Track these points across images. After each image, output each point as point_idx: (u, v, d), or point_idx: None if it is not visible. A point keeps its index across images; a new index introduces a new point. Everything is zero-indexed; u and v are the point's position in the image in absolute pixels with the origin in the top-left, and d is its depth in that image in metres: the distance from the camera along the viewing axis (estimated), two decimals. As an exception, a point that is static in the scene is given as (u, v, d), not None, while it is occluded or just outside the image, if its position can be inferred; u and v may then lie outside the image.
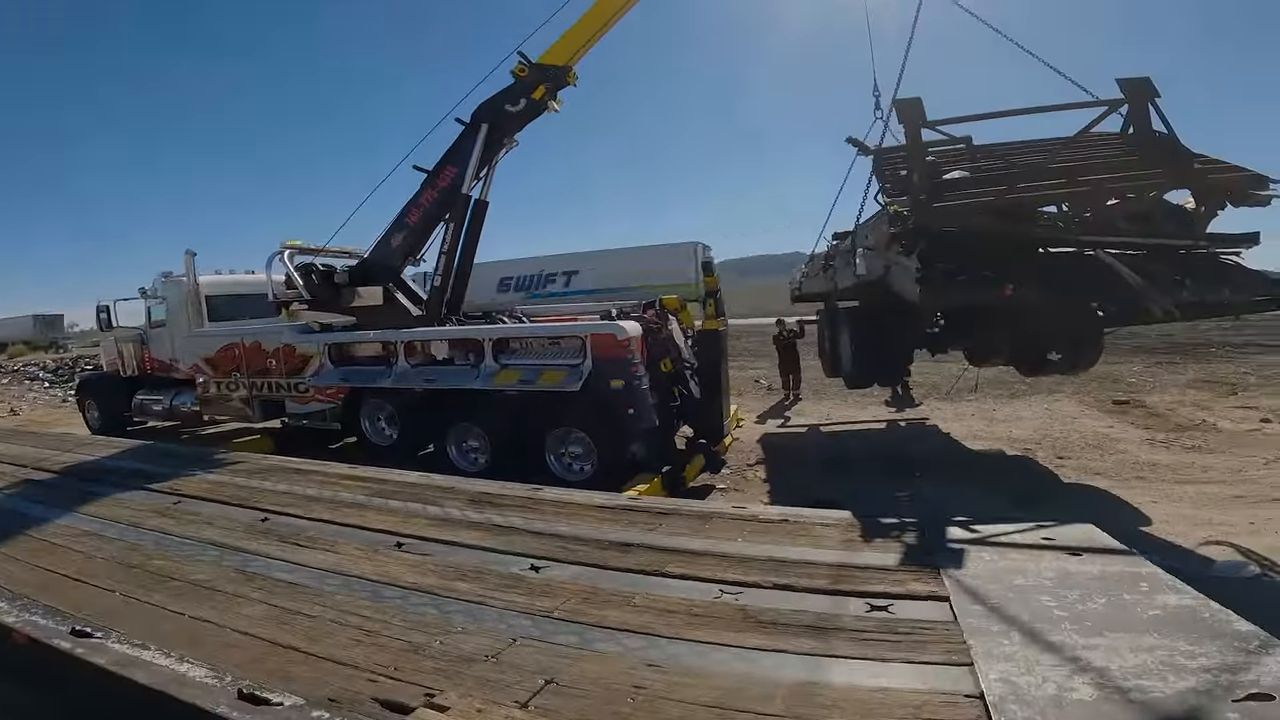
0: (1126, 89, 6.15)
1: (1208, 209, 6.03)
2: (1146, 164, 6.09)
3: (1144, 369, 13.54)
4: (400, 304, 9.84)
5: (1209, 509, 6.43)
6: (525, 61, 9.18)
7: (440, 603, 2.75)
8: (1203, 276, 5.70)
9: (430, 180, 9.80)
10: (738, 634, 2.53)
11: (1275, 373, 12.27)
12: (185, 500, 4.56)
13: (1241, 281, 5.80)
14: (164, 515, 4.21)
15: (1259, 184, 5.83)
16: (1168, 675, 2.07)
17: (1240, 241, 6.03)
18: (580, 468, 7.73)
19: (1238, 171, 5.98)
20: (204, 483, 5.07)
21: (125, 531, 3.87)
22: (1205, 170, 6.05)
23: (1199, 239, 6.05)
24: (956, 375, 11.24)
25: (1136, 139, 6.38)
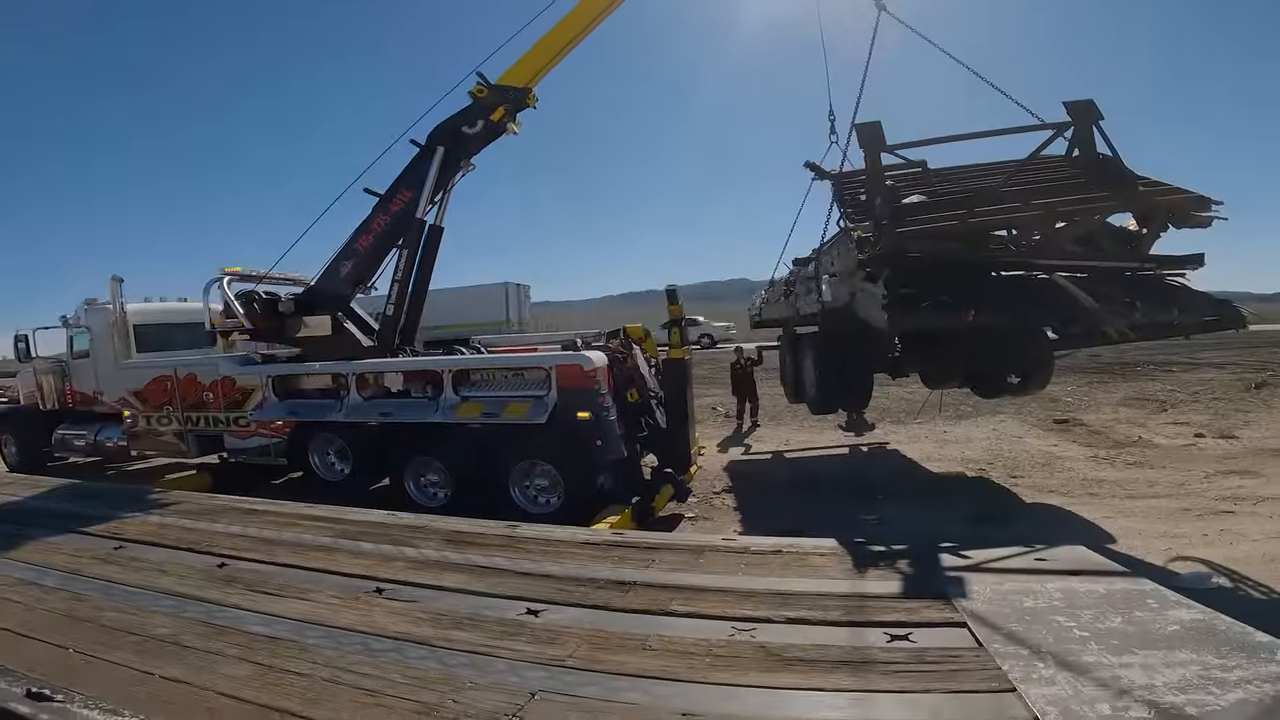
0: (1072, 111, 6.33)
1: (1151, 231, 6.18)
2: (1093, 187, 6.24)
3: (1078, 389, 14.18)
4: (350, 334, 9.42)
5: (1161, 523, 6.67)
6: (484, 82, 8.98)
7: (441, 655, 2.53)
8: (1152, 298, 5.84)
9: (383, 204, 9.45)
10: (766, 674, 2.41)
11: (1199, 389, 13.04)
12: (128, 545, 4.17)
13: (1188, 303, 5.96)
14: (107, 562, 3.83)
15: (1201, 205, 5.97)
16: (1212, 689, 2.06)
17: (1186, 263, 6.19)
18: (546, 500, 7.49)
19: (1180, 193, 6.11)
20: (146, 525, 4.66)
21: (67, 580, 3.49)
22: (1149, 192, 6.18)
23: (1145, 261, 6.20)
24: (922, 399, 11.49)
25: (1082, 161, 6.54)
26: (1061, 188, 6.38)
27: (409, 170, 9.32)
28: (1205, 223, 6.02)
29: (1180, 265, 6.21)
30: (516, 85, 8.99)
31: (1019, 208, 6.24)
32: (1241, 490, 7.41)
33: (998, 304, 5.98)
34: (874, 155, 6.49)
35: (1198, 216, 6.00)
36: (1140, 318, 5.67)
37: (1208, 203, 5.97)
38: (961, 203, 6.41)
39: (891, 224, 6.17)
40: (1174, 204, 6.06)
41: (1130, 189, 6.14)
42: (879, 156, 6.50)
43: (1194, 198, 6.01)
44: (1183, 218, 6.05)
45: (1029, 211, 6.18)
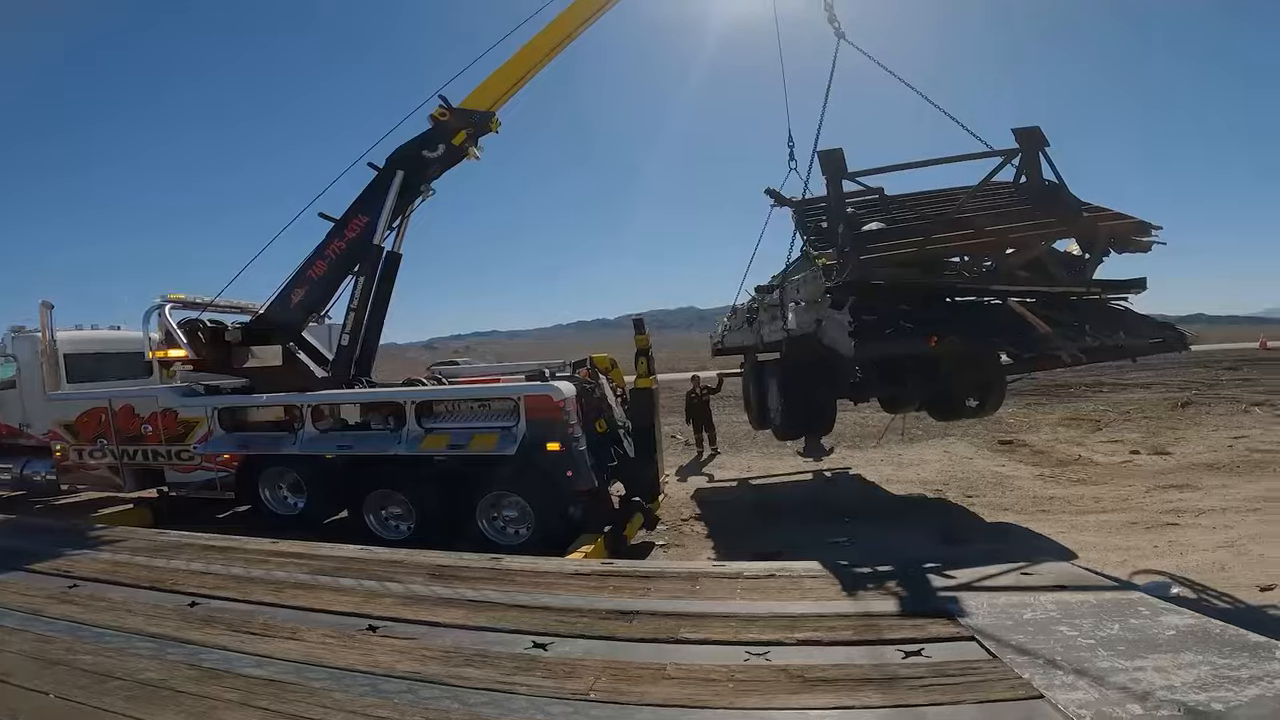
0: (1020, 138, 6.48)
1: (1094, 256, 6.36)
2: (1040, 213, 6.39)
3: (1018, 410, 14.79)
4: (302, 365, 9.07)
5: (1113, 536, 6.97)
6: (446, 105, 8.90)
7: (458, 694, 2.43)
8: (1100, 322, 6.05)
9: (338, 229, 9.14)
10: (794, 695, 2.40)
11: (1130, 409, 13.81)
12: (83, 583, 3.91)
13: (1133, 325, 6.19)
14: (65, 601, 3.58)
15: (1142, 230, 6.15)
16: (1229, 686, 2.15)
17: (1129, 287, 6.42)
18: (515, 531, 7.32)
19: (1122, 219, 6.24)
20: (98, 563, 4.37)
21: (28, 620, 3.24)
22: (1093, 218, 6.29)
23: (1090, 285, 6.41)
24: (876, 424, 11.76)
25: (1029, 187, 6.70)
26: (1012, 214, 6.54)
27: (366, 194, 9.08)
28: (1145, 247, 6.21)
29: (1124, 289, 6.41)
30: (480, 109, 8.93)
31: (973, 234, 6.37)
32: (1182, 503, 7.83)
33: (958, 329, 6.09)
34: (836, 183, 6.57)
35: (1138, 241, 6.19)
36: (1090, 341, 5.81)
37: (1148, 228, 6.17)
38: (919, 229, 6.54)
39: (855, 251, 6.26)
40: (1117, 229, 6.20)
41: (1076, 214, 6.32)
42: (841, 184, 6.58)
43: (1135, 223, 6.20)
44: (1124, 242, 6.22)
45: (984, 238, 6.31)
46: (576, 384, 7.59)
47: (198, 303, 9.65)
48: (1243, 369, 16.73)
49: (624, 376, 8.84)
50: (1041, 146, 6.52)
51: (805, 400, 8.33)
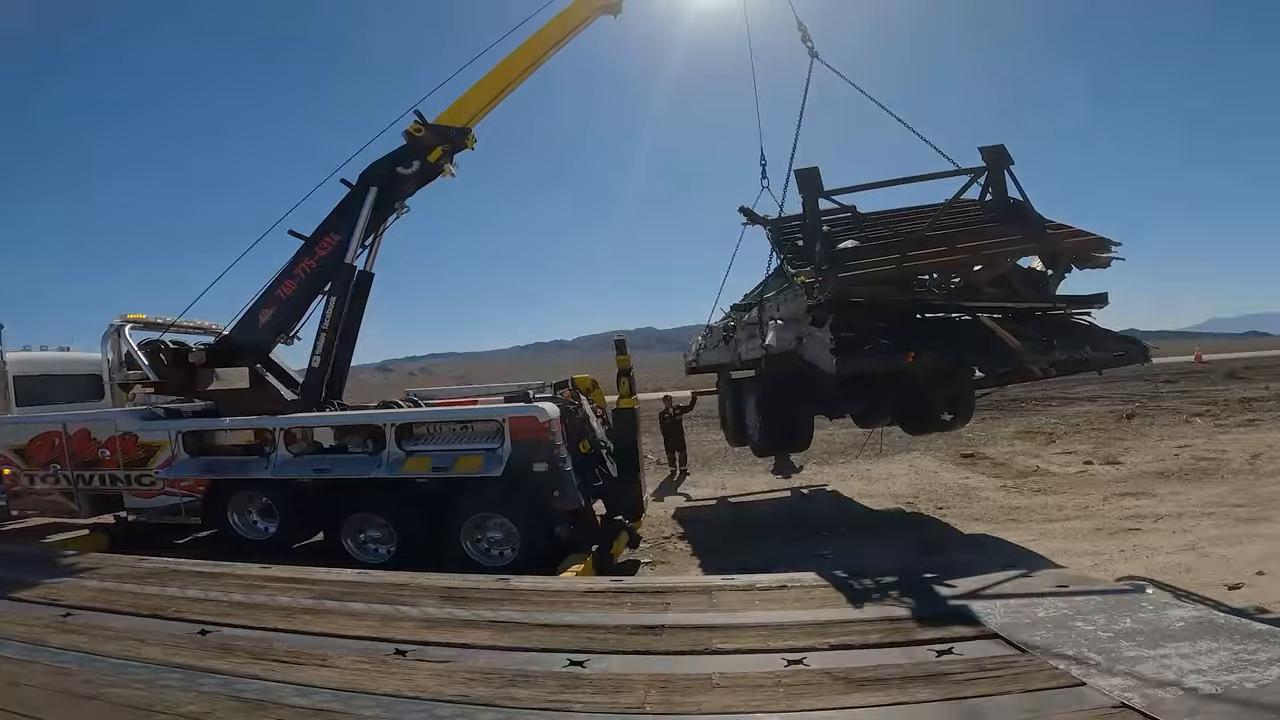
0: (986, 156, 6.68)
1: (1057, 272, 6.52)
2: (1007, 230, 6.58)
3: (975, 424, 15.28)
4: (270, 387, 8.84)
5: (1080, 542, 7.28)
6: (421, 121, 8.85)
7: (515, 715, 2.41)
8: (1067, 336, 6.30)
9: (308, 248, 8.93)
10: (847, 695, 2.47)
11: (1079, 421, 14.49)
12: (77, 612, 3.74)
13: (1098, 339, 6.46)
14: (66, 631, 3.42)
15: (1102, 246, 6.30)
16: (1252, 669, 2.31)
17: (1092, 302, 6.53)
18: (500, 553, 7.24)
19: (1084, 235, 6.38)
20: (87, 590, 4.19)
21: (32, 651, 3.07)
22: (1057, 235, 6.45)
23: (1055, 301, 6.60)
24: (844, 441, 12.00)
25: (995, 205, 6.91)
26: (980, 231, 6.71)
27: (338, 211, 8.92)
28: (1105, 263, 6.39)
29: (1087, 304, 6.60)
30: (456, 125, 8.91)
31: (945, 251, 6.52)
32: (1140, 509, 8.24)
33: (933, 345, 6.24)
34: (813, 201, 6.67)
35: (1099, 257, 6.36)
36: (1059, 354, 6.04)
37: (1108, 244, 6.35)
38: (894, 247, 6.67)
39: (833, 269, 6.35)
40: (1079, 245, 6.37)
41: (1041, 231, 6.46)
42: (817, 202, 6.69)
43: (1095, 240, 6.36)
44: (1086, 259, 6.39)
45: (956, 255, 6.47)
46: (560, 404, 7.61)
47: (159, 323, 9.33)
48: (1180, 382, 17.74)
49: (604, 397, 8.88)
50: (1007, 164, 6.74)
51: (784, 417, 8.42)
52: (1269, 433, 12.37)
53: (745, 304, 9.00)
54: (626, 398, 8.22)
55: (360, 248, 9.01)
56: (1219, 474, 9.68)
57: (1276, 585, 5.26)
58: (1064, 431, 13.90)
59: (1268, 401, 14.88)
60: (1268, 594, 5.05)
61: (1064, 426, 14.29)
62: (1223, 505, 8.01)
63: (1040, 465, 11.48)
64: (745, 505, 10.40)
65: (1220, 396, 15.76)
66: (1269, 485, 8.75)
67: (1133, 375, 18.23)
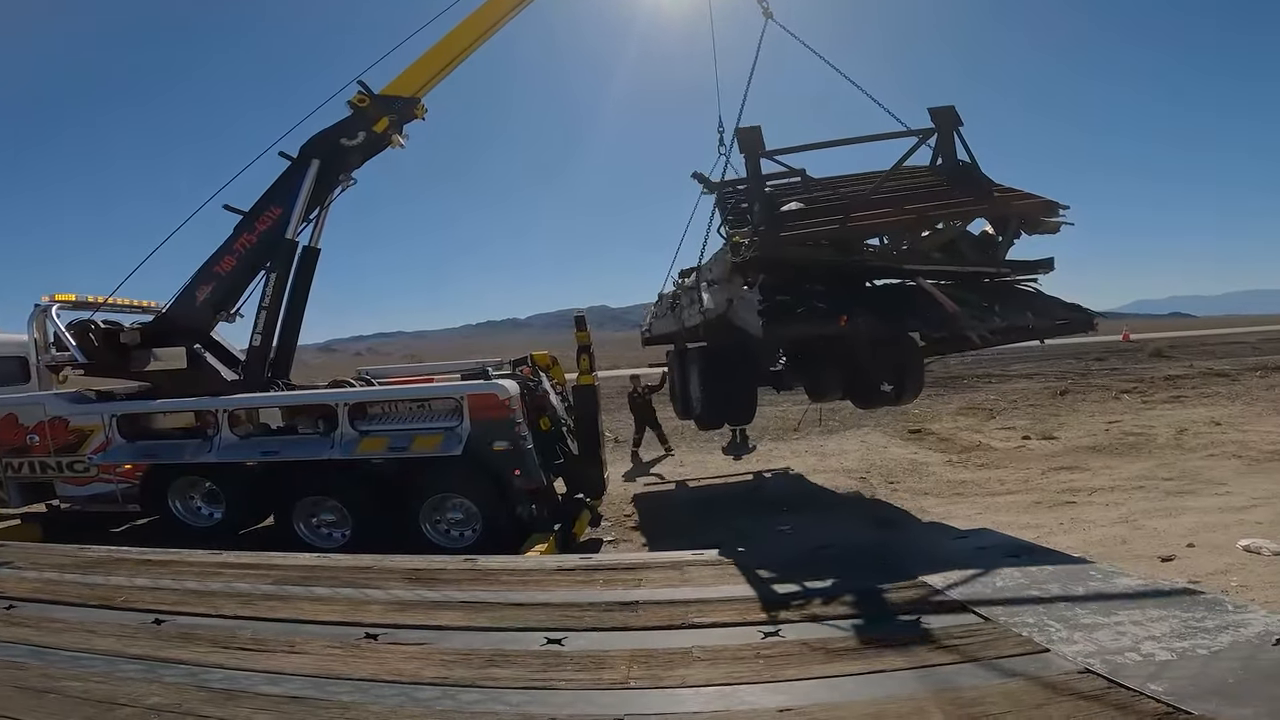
0: (936, 117, 6.43)
1: (1006, 237, 6.32)
2: (956, 193, 6.35)
3: (921, 400, 15.79)
4: (209, 366, 8.49)
5: (1022, 515, 7.62)
6: (366, 92, 8.54)
7: (498, 694, 2.39)
8: (1009, 303, 5.96)
9: (248, 222, 8.62)
10: (826, 664, 2.53)
11: (1016, 398, 15.13)
12: (21, 604, 3.55)
13: (1041, 306, 6.09)
14: (11, 624, 3.26)
15: (1050, 210, 6.07)
16: (1203, 635, 2.46)
17: (1037, 267, 6.30)
18: (461, 534, 7.17)
19: (1031, 198, 6.15)
20: (28, 582, 3.98)
21: None
22: (1005, 198, 6.22)
23: (1001, 266, 6.24)
24: (801, 414, 12.18)
25: (944, 168, 6.63)
26: (929, 194, 6.41)
27: (278, 185, 8.61)
28: (1054, 228, 6.21)
29: (1033, 269, 6.36)
30: (403, 95, 8.65)
31: (892, 213, 6.21)
32: (1075, 483, 8.67)
33: (869, 309, 5.88)
34: (754, 160, 6.38)
35: (1047, 222, 6.16)
36: (999, 321, 5.78)
37: (1055, 208, 6.12)
38: (837, 208, 6.41)
39: (770, 228, 6.08)
40: (1026, 209, 6.14)
41: (988, 194, 6.23)
42: (759, 162, 6.40)
43: (1043, 203, 6.11)
44: (1034, 223, 6.19)
45: (903, 216, 6.15)
46: (519, 381, 7.53)
47: (90, 303, 8.84)
48: (1109, 360, 18.66)
49: (564, 374, 8.83)
50: (956, 125, 6.51)
51: (724, 388, 8.22)
52: (1193, 409, 13.14)
53: (690, 269, 8.53)
54: (586, 374, 8.18)
55: (303, 222, 8.73)
56: (1147, 449, 10.24)
57: (1206, 558, 5.59)
58: (1003, 408, 14.49)
59: (1191, 379, 15.80)
60: (1198, 566, 5.36)
61: (1003, 403, 14.88)
62: (1152, 479, 8.49)
63: (982, 440, 11.94)
64: (705, 482, 10.49)
65: (1147, 374, 16.65)
66: (1194, 459, 9.31)
67: (1066, 353, 19.14)
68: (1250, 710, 1.88)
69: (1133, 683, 2.13)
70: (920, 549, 4.55)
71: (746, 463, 11.69)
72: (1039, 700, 2.08)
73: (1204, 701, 1.95)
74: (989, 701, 2.10)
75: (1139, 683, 2.12)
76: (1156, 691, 2.05)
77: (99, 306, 8.93)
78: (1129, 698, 2.05)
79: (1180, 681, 2.10)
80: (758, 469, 11.09)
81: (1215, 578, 5.06)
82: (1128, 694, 2.07)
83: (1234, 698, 1.96)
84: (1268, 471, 8.41)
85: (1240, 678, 2.08)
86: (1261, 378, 15.60)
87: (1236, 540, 5.90)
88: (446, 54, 8.58)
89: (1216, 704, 1.93)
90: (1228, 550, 5.75)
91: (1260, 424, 11.36)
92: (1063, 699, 2.07)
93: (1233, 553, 5.68)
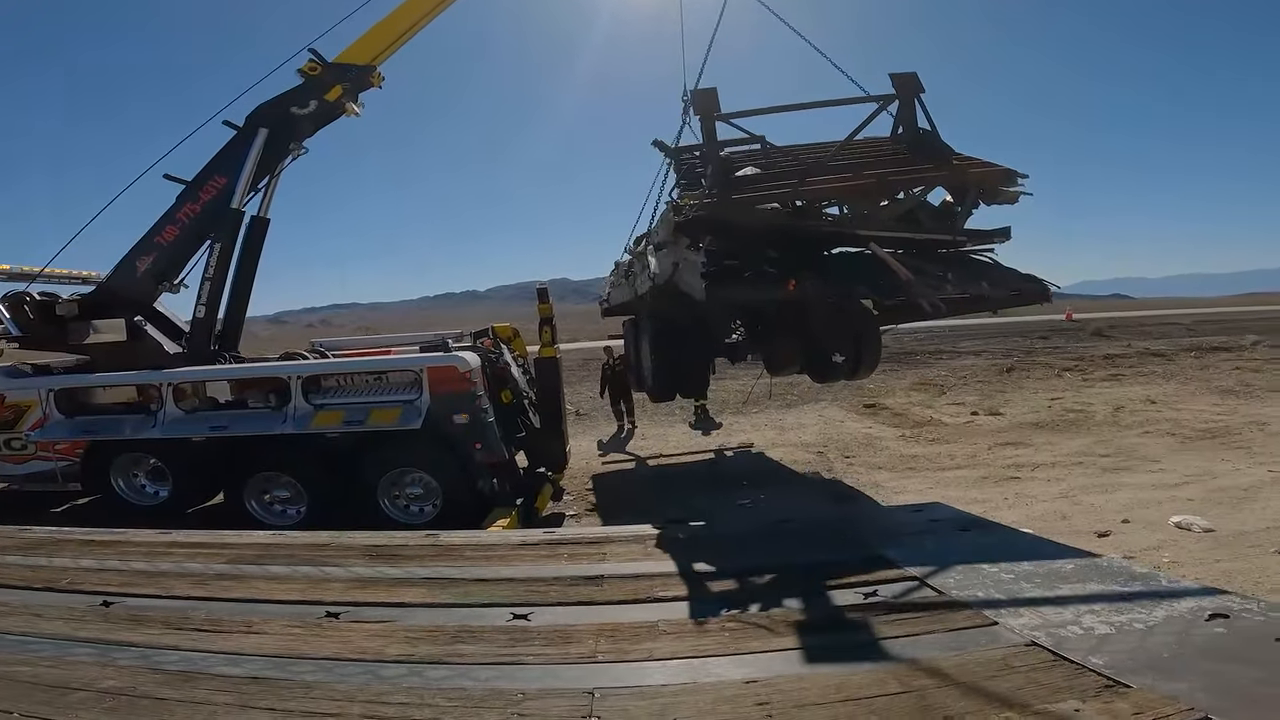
0: (896, 84, 6.26)
1: (964, 206, 6.10)
2: (916, 160, 6.13)
3: (876, 376, 16.13)
4: (150, 338, 8.18)
5: (969, 490, 7.88)
6: (318, 59, 8.23)
7: (466, 671, 2.38)
8: (963, 272, 5.85)
9: (191, 192, 8.34)
10: (790, 637, 2.61)
11: (966, 374, 15.57)
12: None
13: (997, 276, 6.00)
14: None
15: (1008, 179, 5.93)
16: (1140, 610, 2.60)
17: (994, 236, 6.18)
18: (421, 509, 7.12)
19: (989, 167, 6.04)
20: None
21: None
22: (962, 166, 6.08)
23: (958, 235, 6.13)
24: (749, 387, 12.24)
25: (905, 136, 6.41)
26: (889, 160, 6.28)
27: (223, 154, 8.35)
28: (1013, 198, 6.06)
29: (988, 239, 6.22)
30: (358, 63, 8.37)
31: (850, 178, 6.06)
32: (1020, 459, 9.01)
33: (819, 274, 5.71)
34: (709, 122, 6.15)
35: (1006, 191, 6.02)
36: (952, 290, 5.63)
37: (1014, 177, 5.98)
38: (794, 174, 6.13)
39: (723, 191, 5.89)
40: (984, 177, 5.99)
41: (948, 161, 6.10)
42: (714, 124, 6.17)
43: (1002, 171, 5.98)
44: (992, 193, 6.05)
45: (861, 180, 6.00)
46: (480, 354, 7.45)
47: (26, 274, 8.43)
48: (1053, 338, 19.32)
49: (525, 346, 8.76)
50: (917, 92, 6.29)
51: (674, 358, 7.99)
52: (1130, 387, 13.72)
53: (644, 236, 8.16)
54: (548, 347, 8.12)
55: (251, 191, 8.46)
56: (1086, 425, 10.69)
57: (1140, 534, 5.90)
58: (953, 383, 14.91)
59: (1129, 358, 16.46)
60: (1133, 542, 5.64)
61: (953, 379, 15.32)
62: (1090, 455, 8.87)
63: (934, 416, 12.29)
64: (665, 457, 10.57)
65: (1087, 353, 17.29)
66: (1129, 436, 9.76)
67: (1012, 331, 19.75)
68: (1185, 684, 1.99)
69: (1075, 655, 2.23)
70: (876, 523, 4.69)
71: (712, 438, 11.75)
72: (990, 672, 2.17)
73: (1141, 675, 2.07)
74: (943, 673, 2.18)
75: (1081, 655, 2.23)
76: (1098, 665, 2.16)
77: (35, 277, 8.52)
78: (1073, 670, 2.16)
79: (1119, 655, 2.22)
80: (719, 446, 11.14)
81: (1148, 553, 5.33)
82: (1071, 667, 2.17)
83: (1169, 671, 2.08)
84: (1199, 449, 8.88)
85: (1175, 652, 2.21)
86: (1195, 358, 16.34)
87: (1169, 517, 6.23)
88: (404, 21, 8.33)
89: (1153, 678, 2.04)
90: (1160, 526, 6.07)
91: (1193, 403, 11.95)
92: (1012, 671, 2.17)
93: (1165, 529, 5.99)
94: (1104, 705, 1.94)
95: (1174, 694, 1.95)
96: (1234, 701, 1.90)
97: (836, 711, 2.00)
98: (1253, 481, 7.26)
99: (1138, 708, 1.91)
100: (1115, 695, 1.99)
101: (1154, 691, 1.97)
